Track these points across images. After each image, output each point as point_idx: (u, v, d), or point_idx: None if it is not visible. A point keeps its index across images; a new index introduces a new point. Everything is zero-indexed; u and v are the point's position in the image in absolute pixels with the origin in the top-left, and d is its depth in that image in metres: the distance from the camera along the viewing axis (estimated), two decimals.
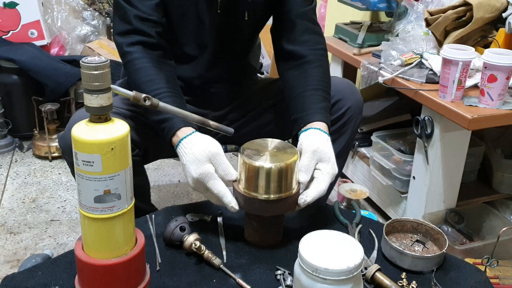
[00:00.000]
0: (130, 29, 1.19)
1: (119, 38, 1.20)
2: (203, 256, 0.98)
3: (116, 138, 0.78)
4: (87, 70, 0.77)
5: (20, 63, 2.40)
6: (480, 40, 1.69)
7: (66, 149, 1.19)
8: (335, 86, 1.32)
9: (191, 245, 0.98)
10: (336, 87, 1.32)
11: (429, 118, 1.57)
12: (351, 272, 0.76)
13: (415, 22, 1.86)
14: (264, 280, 0.95)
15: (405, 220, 1.10)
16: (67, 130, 1.19)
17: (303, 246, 0.80)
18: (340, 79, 1.40)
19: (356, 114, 1.34)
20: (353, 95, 1.34)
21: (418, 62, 1.69)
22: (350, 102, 1.32)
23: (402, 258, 0.99)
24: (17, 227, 1.89)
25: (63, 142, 1.21)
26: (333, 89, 1.30)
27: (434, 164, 1.60)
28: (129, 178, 0.83)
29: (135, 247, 0.87)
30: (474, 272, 1.00)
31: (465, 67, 1.41)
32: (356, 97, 1.34)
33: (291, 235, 1.08)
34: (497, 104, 1.42)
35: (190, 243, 0.99)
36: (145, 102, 0.92)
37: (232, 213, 1.00)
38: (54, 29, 2.70)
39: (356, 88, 1.38)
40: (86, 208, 0.81)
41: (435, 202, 1.68)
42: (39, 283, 0.91)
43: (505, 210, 1.81)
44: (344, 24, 2.14)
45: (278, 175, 0.96)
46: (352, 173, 2.17)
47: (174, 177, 2.31)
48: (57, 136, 2.43)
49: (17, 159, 2.44)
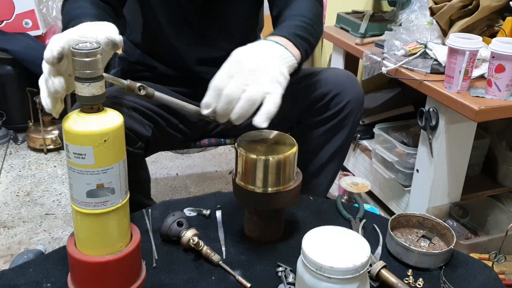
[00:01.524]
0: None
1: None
2: (201, 252, 0.94)
3: (109, 129, 0.74)
4: (78, 57, 0.72)
5: (14, 53, 2.36)
6: (486, 29, 1.64)
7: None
8: (334, 79, 1.27)
9: (188, 241, 0.95)
10: (335, 80, 1.27)
11: (434, 110, 1.53)
12: (357, 270, 0.73)
13: (419, 11, 1.82)
14: (265, 277, 0.91)
15: (410, 215, 1.06)
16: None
17: (306, 243, 0.76)
18: (339, 71, 1.35)
19: (356, 108, 1.28)
20: (353, 87, 1.28)
21: (422, 52, 1.65)
22: (349, 95, 1.26)
23: (408, 255, 0.95)
24: (11, 221, 1.85)
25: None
26: (332, 82, 1.26)
27: (438, 156, 1.57)
28: (124, 171, 0.79)
29: (130, 244, 0.84)
30: (483, 268, 0.97)
31: (472, 56, 1.37)
32: (357, 90, 1.29)
33: (292, 230, 1.04)
34: (504, 95, 1.38)
35: (188, 238, 0.95)
36: (139, 91, 0.88)
37: (232, 207, 0.96)
38: (49, 19, 2.65)
39: (356, 81, 1.33)
40: (78, 203, 0.77)
41: (439, 195, 1.64)
42: (30, 280, 0.88)
43: (510, 203, 1.78)
44: (346, 14, 2.11)
45: (276, 168, 0.92)
46: (354, 166, 2.13)
47: (172, 170, 2.27)
48: (53, 128, 2.40)
49: (11, 152, 2.40)
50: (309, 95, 1.28)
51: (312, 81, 1.29)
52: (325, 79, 1.28)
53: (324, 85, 1.27)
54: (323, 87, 1.27)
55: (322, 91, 1.26)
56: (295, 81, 1.32)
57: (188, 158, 2.39)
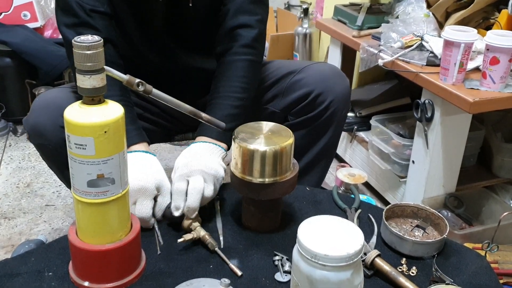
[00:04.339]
0: (76, 22, 1.13)
1: (66, 30, 1.14)
2: (199, 237, 0.96)
3: (109, 121, 0.76)
4: (80, 50, 0.74)
5: (13, 45, 2.36)
6: (482, 22, 1.66)
7: (32, 132, 1.16)
8: (317, 77, 1.26)
9: (190, 224, 0.97)
10: (318, 78, 1.26)
11: (429, 102, 1.54)
12: (351, 258, 0.74)
13: (416, 3, 1.83)
14: (262, 266, 0.93)
15: (405, 205, 1.08)
16: (31, 112, 1.16)
17: (301, 232, 0.78)
18: (323, 67, 1.32)
19: (341, 106, 1.27)
20: (337, 85, 1.27)
21: (418, 44, 1.66)
22: (333, 94, 1.25)
23: (402, 244, 0.97)
24: (12, 212, 1.87)
25: (27, 124, 1.17)
26: (315, 80, 1.25)
27: (434, 148, 1.58)
28: (124, 162, 0.81)
29: (130, 233, 0.86)
30: (475, 257, 0.99)
31: (467, 49, 1.39)
32: (341, 87, 1.27)
33: (289, 220, 1.06)
34: (499, 87, 1.40)
35: (189, 222, 0.98)
36: (138, 87, 0.89)
37: (230, 198, 0.98)
38: (47, 11, 2.65)
39: (342, 76, 1.30)
40: (79, 192, 0.79)
41: (434, 186, 1.66)
42: (32, 269, 0.89)
43: (505, 194, 1.79)
44: (343, 6, 2.11)
45: (273, 159, 0.94)
46: (351, 157, 2.15)
47: (171, 162, 2.28)
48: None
49: (11, 144, 2.41)
50: (292, 93, 1.28)
51: (295, 79, 1.28)
52: (308, 77, 1.27)
53: (307, 84, 1.26)
54: (305, 86, 1.26)
55: (305, 90, 1.26)
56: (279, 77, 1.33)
57: None
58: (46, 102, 1.15)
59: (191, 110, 0.96)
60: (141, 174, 0.98)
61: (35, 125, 1.14)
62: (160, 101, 0.90)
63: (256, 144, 0.94)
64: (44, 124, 1.12)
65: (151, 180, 0.99)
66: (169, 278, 0.88)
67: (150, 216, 0.99)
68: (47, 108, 1.13)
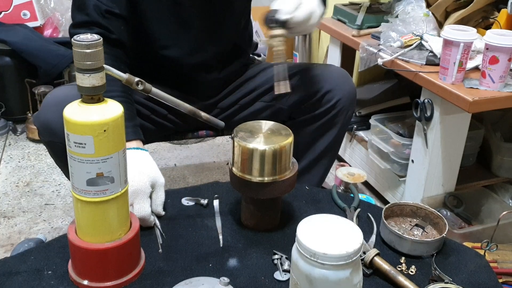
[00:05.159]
0: (88, 20, 1.13)
1: (75, 30, 1.14)
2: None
3: (109, 119, 0.76)
4: (79, 49, 0.74)
5: (13, 44, 2.36)
6: (482, 21, 1.66)
7: (42, 129, 1.16)
8: (326, 76, 1.27)
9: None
10: (327, 77, 1.27)
11: (429, 101, 1.54)
12: (350, 257, 0.75)
13: (415, 3, 1.83)
14: (261, 265, 0.93)
15: (404, 204, 1.08)
16: (42, 109, 1.16)
17: (300, 231, 0.78)
18: (332, 68, 1.34)
19: (347, 106, 1.29)
20: (345, 85, 1.29)
21: (418, 43, 1.66)
22: (341, 93, 1.27)
23: (401, 243, 0.97)
24: (11, 211, 1.87)
25: (37, 121, 1.17)
26: (324, 79, 1.26)
27: (433, 147, 1.59)
28: (123, 161, 0.81)
29: (130, 231, 0.86)
30: (474, 256, 0.99)
31: (466, 48, 1.39)
32: (349, 87, 1.29)
33: (288, 219, 1.06)
34: (498, 86, 1.40)
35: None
36: (137, 86, 0.89)
37: (229, 196, 0.98)
38: (47, 10, 2.65)
39: (349, 78, 1.33)
40: (78, 191, 0.79)
41: (433, 186, 1.66)
42: (31, 268, 0.90)
43: (504, 194, 1.80)
44: (343, 5, 2.11)
45: (273, 158, 0.94)
46: (350, 156, 2.15)
47: (170, 161, 2.29)
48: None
49: (10, 143, 2.41)
50: (301, 91, 1.29)
51: (305, 77, 1.30)
52: (317, 75, 1.29)
53: (316, 82, 1.27)
54: (315, 83, 1.27)
55: (314, 88, 1.27)
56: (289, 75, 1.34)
57: (186, 149, 2.40)
58: (57, 99, 1.15)
59: (190, 109, 0.96)
60: (135, 175, 0.98)
61: (46, 122, 1.14)
62: (159, 100, 0.90)
63: (256, 143, 0.94)
64: (54, 122, 1.11)
65: (145, 180, 0.99)
66: (168, 277, 0.88)
67: (149, 214, 0.99)
68: (58, 105, 1.13)
